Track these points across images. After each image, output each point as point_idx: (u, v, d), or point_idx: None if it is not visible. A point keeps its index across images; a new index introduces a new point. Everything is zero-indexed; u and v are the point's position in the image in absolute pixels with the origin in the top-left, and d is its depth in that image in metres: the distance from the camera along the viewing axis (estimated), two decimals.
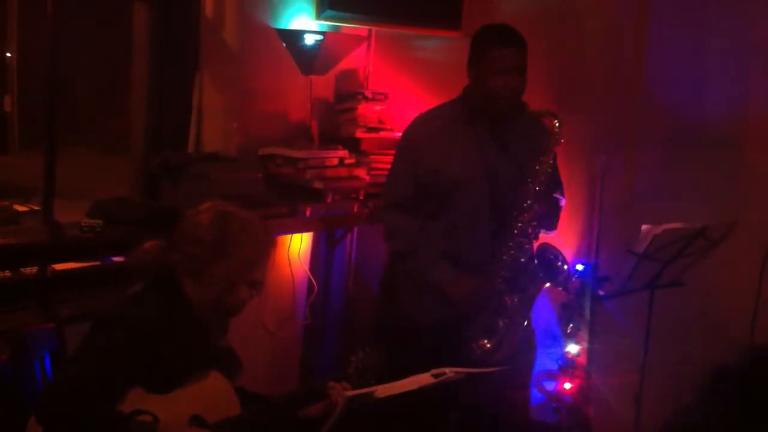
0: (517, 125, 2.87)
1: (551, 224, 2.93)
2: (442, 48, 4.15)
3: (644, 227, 2.88)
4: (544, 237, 2.89)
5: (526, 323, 2.86)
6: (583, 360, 3.68)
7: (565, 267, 2.71)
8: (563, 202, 3.03)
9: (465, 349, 2.82)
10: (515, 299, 2.78)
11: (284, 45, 3.73)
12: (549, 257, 2.74)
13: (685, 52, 3.60)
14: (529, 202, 2.76)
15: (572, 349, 3.68)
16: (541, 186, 2.75)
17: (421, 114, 3.02)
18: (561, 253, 2.75)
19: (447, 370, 2.32)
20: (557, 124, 2.72)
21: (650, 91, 3.66)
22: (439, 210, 2.90)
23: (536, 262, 2.74)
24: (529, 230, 2.77)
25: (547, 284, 2.78)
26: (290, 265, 3.91)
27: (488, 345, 2.81)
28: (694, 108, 3.57)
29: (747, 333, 3.45)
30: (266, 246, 2.32)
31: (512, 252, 2.78)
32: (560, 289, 2.84)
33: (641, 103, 3.69)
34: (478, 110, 2.87)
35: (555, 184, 2.98)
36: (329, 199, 3.75)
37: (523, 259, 2.77)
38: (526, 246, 2.78)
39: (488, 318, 2.81)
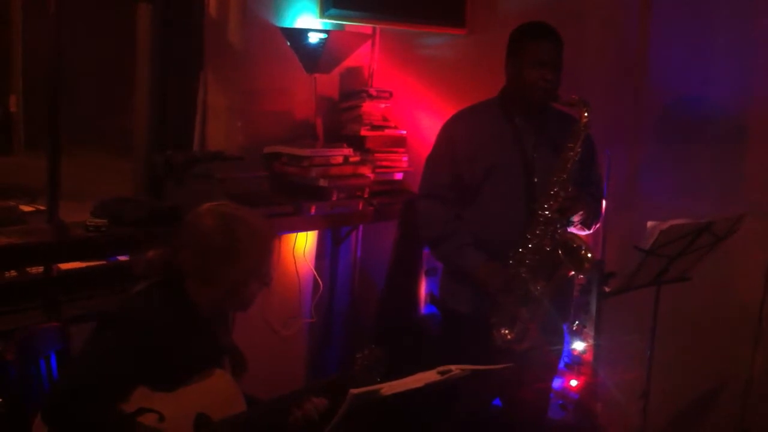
0: (553, 115, 2.95)
1: (587, 220, 2.94)
2: (447, 45, 4.15)
3: (650, 223, 2.87)
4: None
5: (552, 314, 2.87)
6: (589, 357, 3.67)
7: (590, 255, 2.71)
8: (603, 204, 3.07)
9: (487, 337, 2.84)
10: (539, 288, 2.78)
11: (288, 44, 3.73)
12: (574, 246, 2.74)
13: (689, 48, 3.59)
14: (555, 189, 2.77)
15: (578, 346, 3.67)
16: (568, 174, 2.77)
17: (460, 110, 3.09)
18: (586, 243, 2.75)
19: (453, 367, 2.32)
20: (586, 115, 2.76)
21: (654, 88, 3.66)
22: (474, 197, 2.94)
23: (561, 251, 2.74)
24: (557, 218, 2.79)
25: (572, 273, 2.78)
26: (295, 263, 3.91)
27: (509, 335, 2.82)
28: (698, 104, 3.56)
29: (754, 328, 3.44)
30: (270, 241, 2.33)
31: (537, 240, 2.79)
32: (582, 277, 2.84)
33: (646, 100, 3.68)
34: (515, 102, 2.93)
35: (590, 180, 3.01)
36: (334, 197, 3.75)
37: (548, 248, 2.78)
38: (552, 234, 2.79)
39: (511, 306, 2.82)
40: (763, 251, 3.41)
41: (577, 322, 3.56)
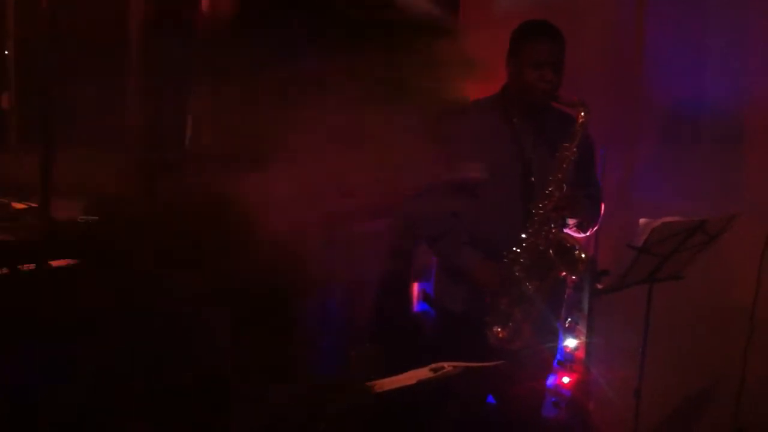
0: (554, 115, 2.95)
1: (583, 223, 2.93)
2: None
3: (642, 220, 2.88)
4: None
5: (546, 313, 2.87)
6: (581, 354, 3.67)
7: (583, 256, 2.71)
8: (602, 207, 3.06)
9: (481, 336, 2.85)
10: (532, 287, 2.78)
11: None
12: (567, 246, 2.74)
13: (684, 47, 3.59)
14: (551, 189, 2.77)
15: (571, 343, 3.67)
16: (564, 174, 2.77)
17: (459, 107, 3.08)
18: (579, 243, 2.75)
19: (445, 365, 2.32)
20: (583, 115, 2.76)
21: (649, 86, 3.66)
22: (470, 196, 2.94)
23: (554, 251, 2.74)
24: (551, 217, 2.78)
25: (565, 274, 2.78)
26: None
27: (502, 334, 2.82)
28: (692, 102, 3.57)
29: (747, 326, 3.45)
30: None
31: (531, 239, 2.79)
32: (574, 278, 2.84)
33: (640, 98, 3.68)
34: (515, 102, 2.92)
35: (589, 182, 3.01)
36: None
37: (542, 247, 2.78)
38: (546, 234, 2.78)
39: (505, 306, 2.82)
40: (756, 250, 3.42)
41: (569, 320, 3.57)
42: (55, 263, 2.90)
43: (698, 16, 3.57)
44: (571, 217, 2.88)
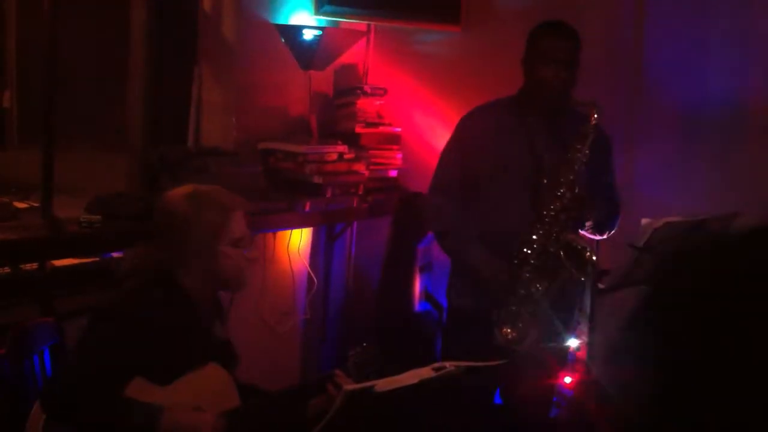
0: (571, 117, 2.93)
1: (599, 225, 2.92)
2: (442, 42, 4.15)
3: (644, 221, 2.87)
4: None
5: (554, 314, 2.86)
6: (583, 354, 3.67)
7: (594, 258, 2.71)
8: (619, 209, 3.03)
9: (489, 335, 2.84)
10: (541, 288, 2.78)
11: (283, 40, 3.72)
12: (578, 248, 2.73)
13: (685, 44, 3.59)
14: (562, 190, 2.77)
15: (572, 343, 3.67)
16: (575, 175, 2.77)
17: (478, 105, 3.09)
18: (591, 245, 2.75)
19: (447, 364, 2.32)
20: (595, 115, 2.76)
21: (650, 84, 3.66)
22: (482, 194, 2.94)
23: (563, 253, 2.74)
24: (561, 218, 2.78)
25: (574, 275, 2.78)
26: (290, 260, 3.91)
27: (510, 334, 2.82)
28: (694, 100, 3.57)
29: None
30: (228, 204, 2.31)
31: (541, 240, 2.78)
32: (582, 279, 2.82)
33: (641, 96, 3.68)
34: (530, 102, 2.93)
35: (606, 185, 2.99)
36: (329, 194, 3.74)
37: (552, 249, 2.77)
38: (556, 235, 2.78)
39: (514, 305, 2.82)
40: None
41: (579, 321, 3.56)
42: None
43: (699, 14, 3.57)
44: (583, 219, 2.87)
